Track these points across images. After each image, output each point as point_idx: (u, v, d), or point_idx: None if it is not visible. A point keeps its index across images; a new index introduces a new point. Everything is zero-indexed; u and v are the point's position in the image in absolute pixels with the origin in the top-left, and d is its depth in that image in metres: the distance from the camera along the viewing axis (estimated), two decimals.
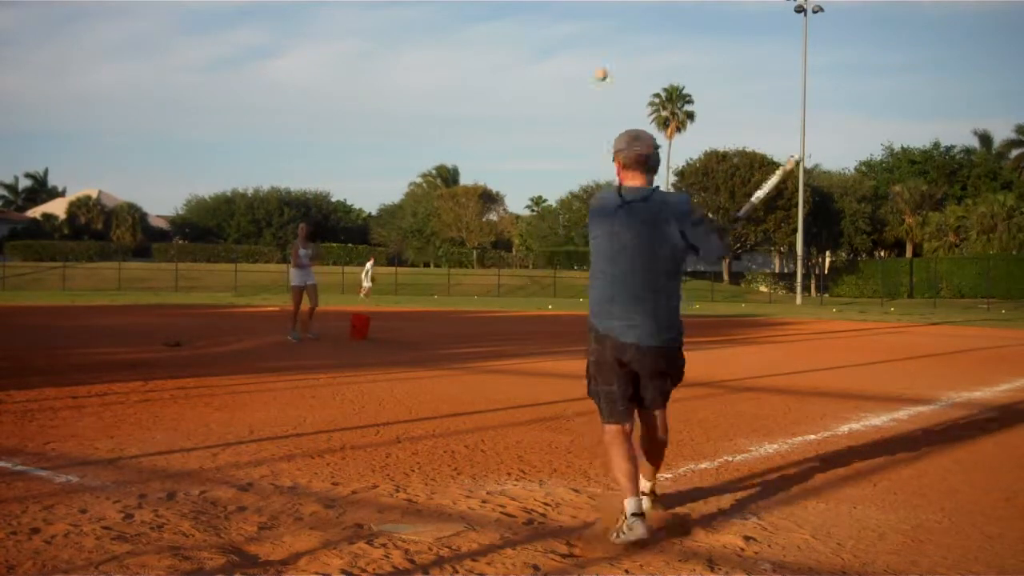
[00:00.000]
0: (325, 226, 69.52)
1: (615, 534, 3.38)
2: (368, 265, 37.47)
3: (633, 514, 3.38)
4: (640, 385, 3.64)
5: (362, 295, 35.27)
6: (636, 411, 3.69)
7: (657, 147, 3.65)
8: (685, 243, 3.54)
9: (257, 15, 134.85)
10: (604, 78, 4.40)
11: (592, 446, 5.34)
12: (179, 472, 4.42)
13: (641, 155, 3.58)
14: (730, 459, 5.01)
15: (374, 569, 3.03)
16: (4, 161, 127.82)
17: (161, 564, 3.01)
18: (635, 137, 3.63)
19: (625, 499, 3.44)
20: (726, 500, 4.10)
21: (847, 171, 62.62)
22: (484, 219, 67.75)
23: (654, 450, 3.79)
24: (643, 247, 3.52)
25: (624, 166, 3.62)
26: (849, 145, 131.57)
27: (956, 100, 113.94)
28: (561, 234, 67.44)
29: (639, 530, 3.34)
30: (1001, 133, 69.72)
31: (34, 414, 6.02)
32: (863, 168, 63.45)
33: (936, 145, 61.12)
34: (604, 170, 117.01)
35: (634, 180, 3.60)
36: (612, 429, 3.60)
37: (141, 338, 12.85)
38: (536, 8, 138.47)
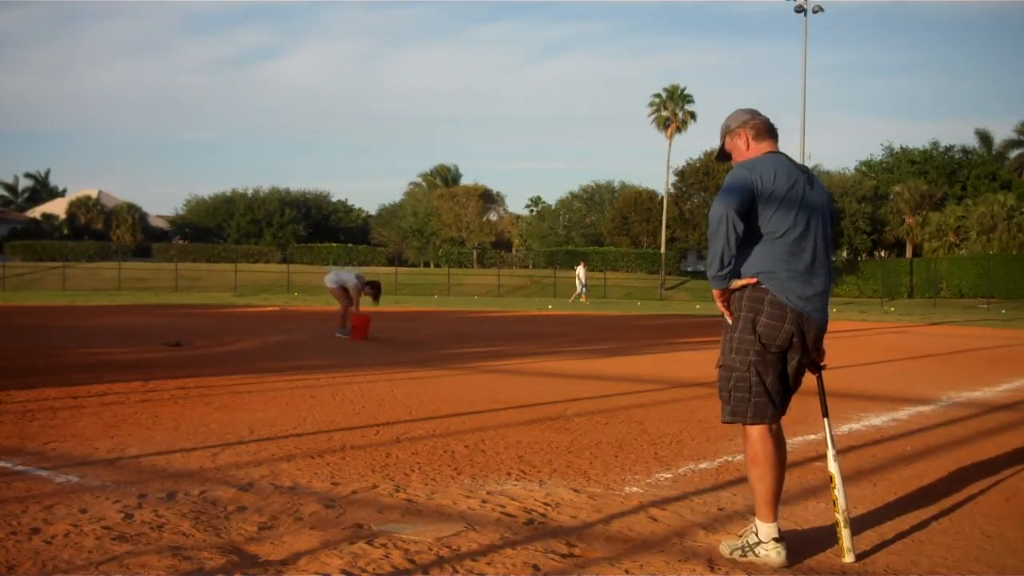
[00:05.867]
0: (325, 226, 69.53)
1: (740, 551, 3.23)
2: (580, 270, 37.07)
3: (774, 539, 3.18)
4: (793, 376, 3.31)
5: (583, 299, 35.31)
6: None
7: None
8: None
9: (259, 16, 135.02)
10: None
11: (592, 446, 5.34)
12: (179, 472, 4.42)
13: (769, 124, 3.40)
14: (730, 459, 5.01)
15: (374, 569, 3.03)
16: (5, 161, 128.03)
17: (161, 564, 3.01)
18: (755, 110, 3.44)
19: (767, 523, 3.21)
20: (726, 500, 4.10)
21: (847, 171, 62.60)
22: (484, 219, 67.74)
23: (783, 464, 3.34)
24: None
25: (756, 136, 3.39)
26: (849, 145, 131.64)
27: (956, 100, 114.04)
28: (561, 234, 67.45)
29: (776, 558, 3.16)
30: (1001, 133, 69.78)
31: (34, 414, 6.02)
32: (863, 168, 63.40)
33: (936, 145, 61.13)
34: (604, 170, 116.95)
35: (771, 149, 3.38)
36: (763, 430, 3.24)
37: (141, 338, 12.85)
38: (537, 9, 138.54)
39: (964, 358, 12.43)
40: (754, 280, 3.23)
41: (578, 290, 36.33)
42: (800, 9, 40.97)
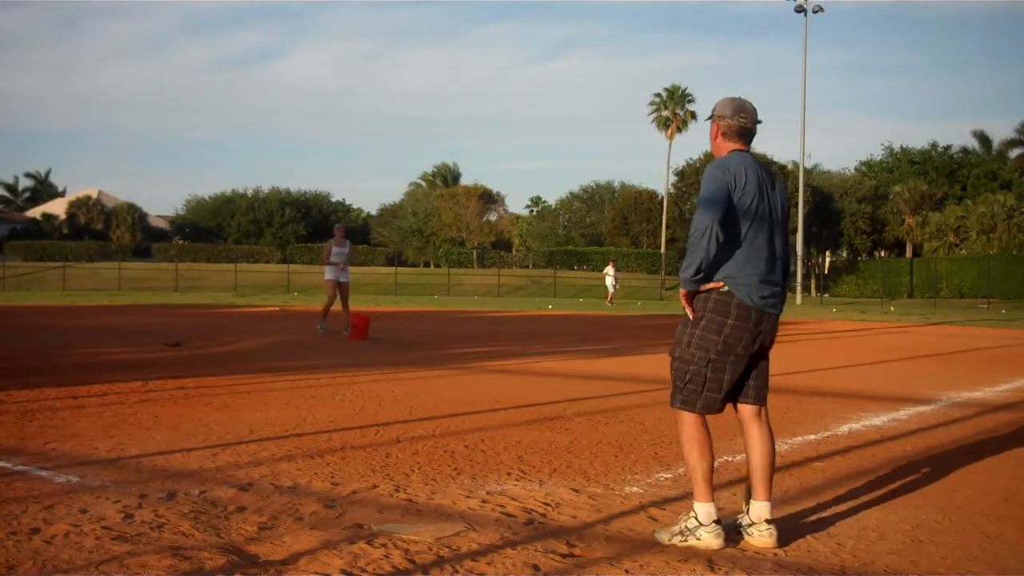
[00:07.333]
0: (325, 226, 69.53)
1: (680, 536, 3.35)
2: (612, 271, 36.38)
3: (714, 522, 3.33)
4: (753, 367, 3.51)
5: (611, 302, 34.67)
6: (738, 405, 3.55)
7: (758, 121, 3.54)
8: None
9: (259, 16, 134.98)
10: None
11: (592, 446, 5.34)
12: (179, 472, 4.42)
13: (744, 127, 3.49)
14: (730, 459, 5.01)
15: (374, 569, 3.03)
16: (5, 161, 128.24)
17: (161, 564, 3.01)
18: (740, 107, 3.51)
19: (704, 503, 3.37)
20: (725, 500, 4.10)
21: (847, 171, 62.63)
22: (484, 219, 67.72)
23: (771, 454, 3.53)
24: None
25: (726, 135, 3.51)
26: (849, 145, 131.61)
27: (956, 100, 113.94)
28: (561, 234, 67.46)
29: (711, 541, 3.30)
30: (1002, 133, 69.74)
31: (34, 414, 6.02)
32: (863, 168, 63.39)
33: (935, 145, 61.12)
34: (604, 170, 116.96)
35: (738, 148, 3.50)
36: (702, 420, 3.44)
37: (141, 338, 12.85)
38: (537, 9, 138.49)
39: (964, 358, 12.43)
40: (720, 284, 3.38)
41: (611, 291, 35.77)
42: (800, 9, 40.97)
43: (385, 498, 4.01)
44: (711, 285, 3.39)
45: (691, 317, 3.45)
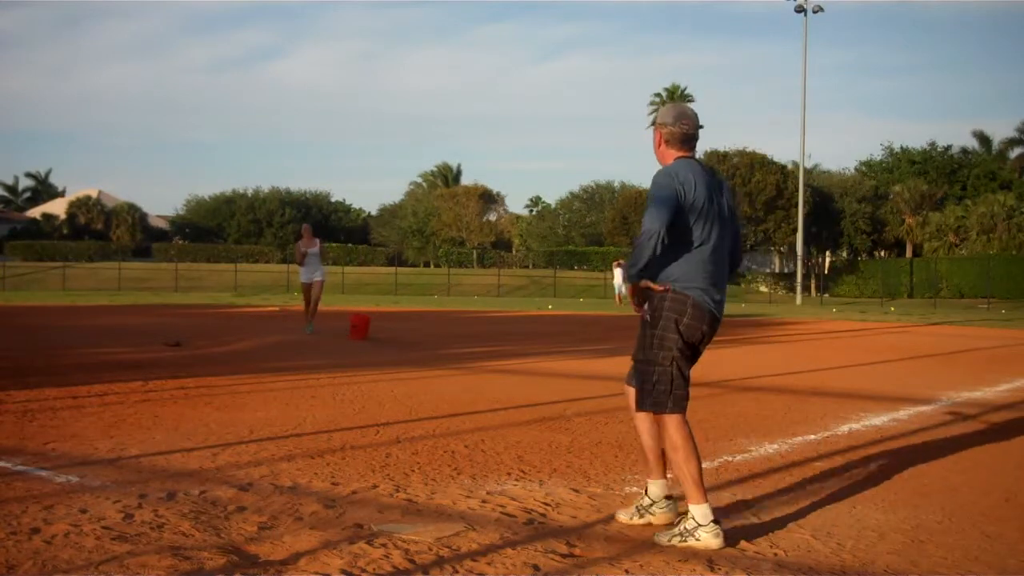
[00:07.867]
0: (325, 226, 69.59)
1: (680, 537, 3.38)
2: (620, 271, 35.83)
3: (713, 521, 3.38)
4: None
5: (620, 302, 34.26)
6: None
7: (700, 126, 3.63)
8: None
9: (259, 16, 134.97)
10: None
11: (592, 446, 5.34)
12: (179, 472, 4.42)
13: (687, 133, 3.59)
14: (730, 459, 5.01)
15: (374, 569, 3.03)
16: (5, 161, 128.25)
17: (161, 564, 3.01)
18: (681, 114, 3.62)
19: (701, 504, 3.40)
20: (726, 500, 4.10)
21: (847, 171, 62.59)
22: (484, 219, 67.71)
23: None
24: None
25: (668, 142, 3.60)
26: (849, 145, 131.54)
27: (955, 100, 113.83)
28: (561, 234, 67.43)
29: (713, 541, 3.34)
30: (1002, 133, 69.67)
31: (34, 414, 6.02)
32: (863, 168, 63.37)
33: (935, 145, 61.09)
34: (604, 170, 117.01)
35: (682, 155, 3.59)
36: (681, 419, 3.51)
37: (141, 338, 12.85)
38: (537, 9, 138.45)
39: (964, 358, 12.43)
40: (669, 287, 3.49)
41: (617, 292, 35.47)
42: (800, 9, 40.97)
43: (385, 498, 4.01)
44: (660, 287, 3.50)
45: (639, 314, 3.59)
